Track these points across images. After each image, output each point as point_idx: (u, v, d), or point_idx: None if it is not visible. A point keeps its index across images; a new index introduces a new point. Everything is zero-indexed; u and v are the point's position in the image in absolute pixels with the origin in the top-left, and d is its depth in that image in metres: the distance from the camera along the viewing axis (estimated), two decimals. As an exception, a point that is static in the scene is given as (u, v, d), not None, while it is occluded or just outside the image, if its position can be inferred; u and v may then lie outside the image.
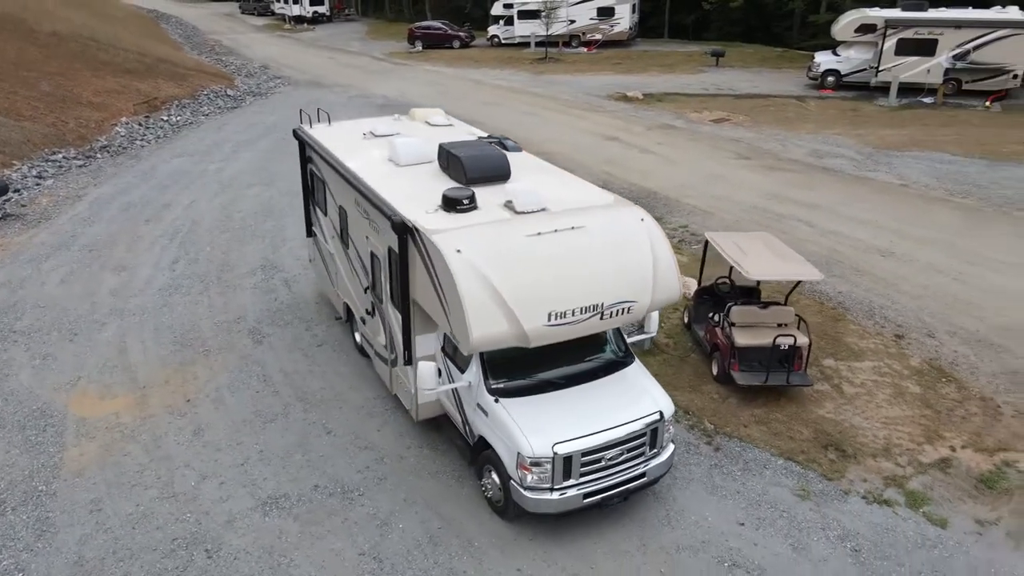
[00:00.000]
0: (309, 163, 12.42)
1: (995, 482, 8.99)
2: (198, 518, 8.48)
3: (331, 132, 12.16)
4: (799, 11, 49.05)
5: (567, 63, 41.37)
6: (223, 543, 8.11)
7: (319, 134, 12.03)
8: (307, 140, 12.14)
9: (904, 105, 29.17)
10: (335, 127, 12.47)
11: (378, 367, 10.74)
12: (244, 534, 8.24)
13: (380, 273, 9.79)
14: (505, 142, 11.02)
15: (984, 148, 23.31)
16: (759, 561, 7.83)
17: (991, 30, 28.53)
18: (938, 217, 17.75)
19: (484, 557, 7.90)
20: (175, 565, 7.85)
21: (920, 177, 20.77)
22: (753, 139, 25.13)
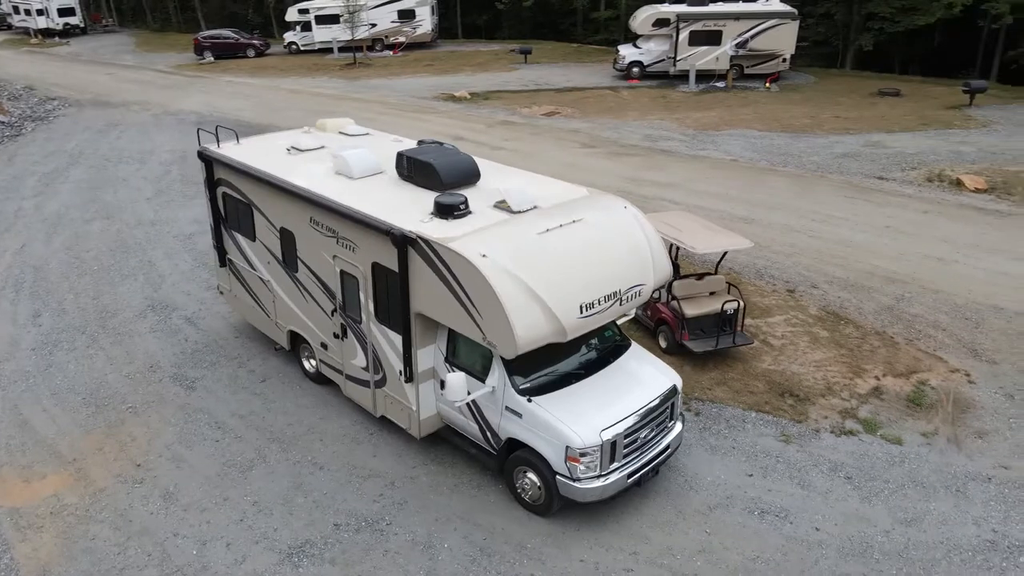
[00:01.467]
0: (221, 186, 11.38)
1: (920, 399, 10.62)
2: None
3: (247, 150, 11.23)
4: (582, 8, 52.43)
5: (378, 67, 40.85)
6: (263, 606, 7.40)
7: (235, 153, 11.08)
8: (220, 161, 11.12)
9: (703, 90, 32.46)
10: (247, 145, 11.54)
11: (352, 391, 10.21)
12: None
13: (359, 292, 9.32)
14: (445, 145, 10.91)
15: (781, 123, 26.69)
16: (781, 504, 8.64)
17: (762, 21, 32.60)
18: (772, 185, 20.14)
19: (543, 556, 7.94)
20: (220, 642, 7.03)
21: (743, 152, 23.35)
22: (589, 129, 26.67)
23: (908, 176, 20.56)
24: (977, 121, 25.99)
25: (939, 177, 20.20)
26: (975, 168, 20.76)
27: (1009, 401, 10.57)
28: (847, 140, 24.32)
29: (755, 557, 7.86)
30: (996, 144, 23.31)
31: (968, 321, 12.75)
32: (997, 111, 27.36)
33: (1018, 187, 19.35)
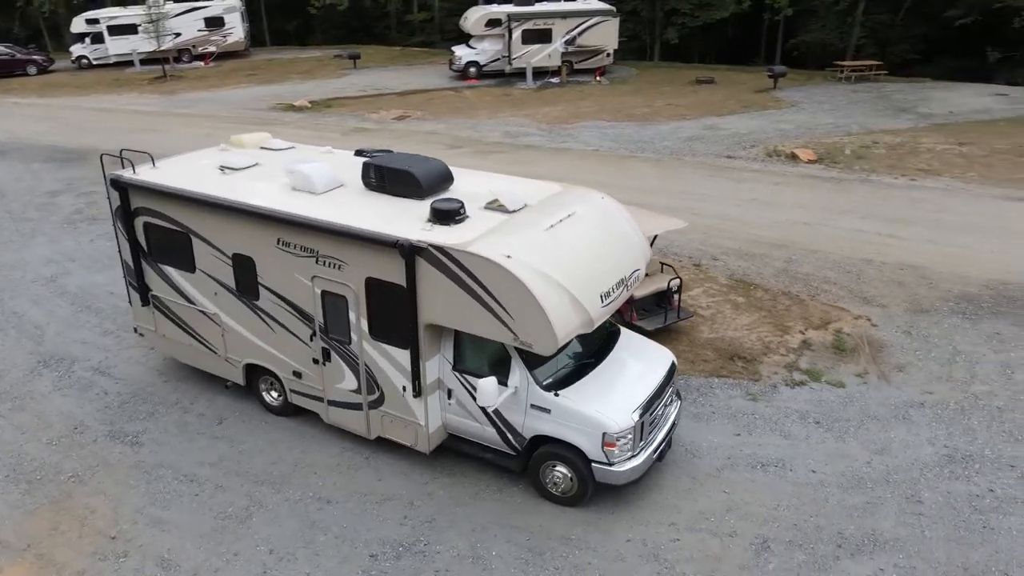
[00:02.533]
0: (142, 216, 10.22)
1: (842, 346, 12.03)
2: (273, 646, 7.00)
3: (171, 174, 10.17)
4: (395, 11, 52.19)
5: (192, 80, 38.04)
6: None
7: (159, 178, 10.00)
8: (140, 187, 9.99)
9: (541, 86, 33.74)
10: (167, 168, 10.44)
11: (338, 417, 9.67)
12: (345, 635, 7.11)
13: (347, 312, 8.86)
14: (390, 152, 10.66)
15: (624, 114, 28.50)
16: (774, 455, 9.46)
17: (587, 18, 34.49)
18: (639, 171, 21.53)
19: (591, 543, 8.11)
20: None
21: (600, 142, 24.69)
22: (447, 129, 26.80)
23: (751, 153, 22.85)
24: (785, 102, 29.41)
25: (776, 152, 22.68)
26: (800, 142, 23.53)
27: (908, 337, 12.27)
28: (687, 125, 26.49)
29: (776, 506, 8.57)
30: (807, 120, 26.56)
31: (850, 274, 14.57)
32: (797, 92, 31.10)
33: (839, 156, 22.23)
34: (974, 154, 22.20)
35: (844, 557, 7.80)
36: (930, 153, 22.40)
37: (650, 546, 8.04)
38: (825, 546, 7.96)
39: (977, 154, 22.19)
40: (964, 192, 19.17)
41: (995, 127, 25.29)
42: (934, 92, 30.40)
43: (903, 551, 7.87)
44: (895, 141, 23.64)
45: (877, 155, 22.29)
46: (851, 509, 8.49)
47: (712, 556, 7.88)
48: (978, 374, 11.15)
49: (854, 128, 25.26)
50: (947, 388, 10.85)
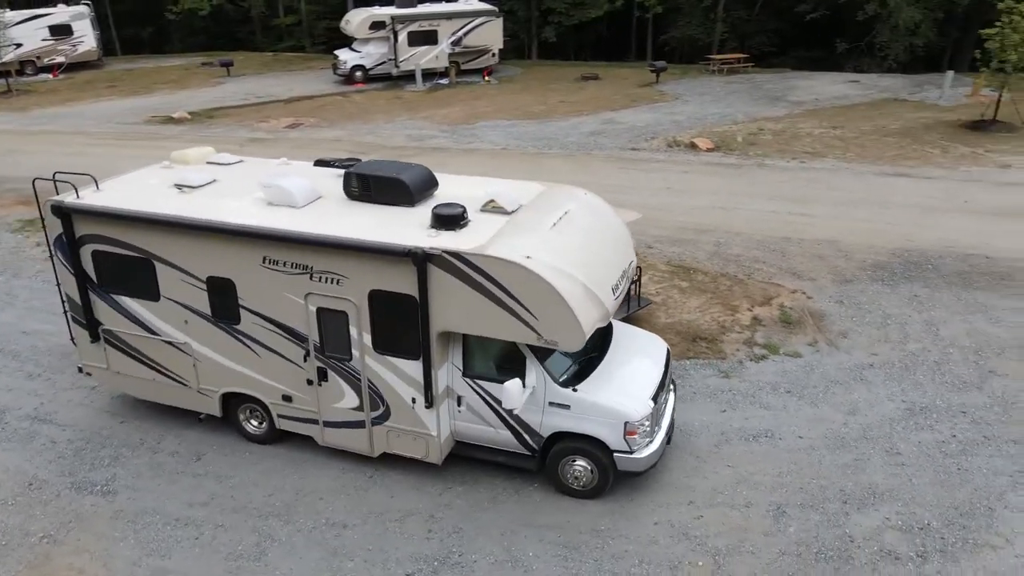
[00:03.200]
0: (90, 244, 9.33)
1: (788, 319, 12.91)
2: None
3: (121, 196, 9.35)
4: (259, 16, 50.15)
5: (43, 94, 34.88)
6: None
7: (110, 201, 9.17)
8: (88, 212, 9.12)
9: (432, 88, 33.56)
10: (114, 190, 9.57)
11: (335, 438, 9.29)
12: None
13: (347, 327, 8.54)
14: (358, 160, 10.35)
15: (521, 112, 28.92)
16: (761, 426, 10.03)
17: (472, 19, 34.65)
18: (553, 167, 21.95)
19: (622, 531, 8.28)
20: None
21: (507, 141, 24.96)
22: (348, 135, 26.15)
23: (652, 145, 23.89)
24: (670, 95, 30.91)
25: (676, 143, 23.84)
26: (695, 132, 24.84)
27: (842, 306, 13.34)
28: (586, 120, 27.27)
29: (778, 473, 9.11)
30: (696, 111, 28.06)
31: (775, 252, 15.62)
32: (678, 85, 32.77)
33: (732, 143, 23.68)
34: (847, 136, 24.32)
35: (852, 512, 8.43)
36: (811, 137, 24.32)
37: (677, 526, 8.32)
38: (833, 504, 8.56)
39: (849, 136, 24.32)
40: (848, 171, 20.98)
41: (857, 111, 27.79)
42: (797, 81, 32.96)
43: (899, 499, 8.61)
44: (778, 127, 25.47)
45: (766, 141, 23.93)
46: (844, 468, 9.18)
47: (737, 527, 8.27)
48: (910, 334, 12.32)
49: (739, 117, 26.97)
50: (888, 349, 11.91)
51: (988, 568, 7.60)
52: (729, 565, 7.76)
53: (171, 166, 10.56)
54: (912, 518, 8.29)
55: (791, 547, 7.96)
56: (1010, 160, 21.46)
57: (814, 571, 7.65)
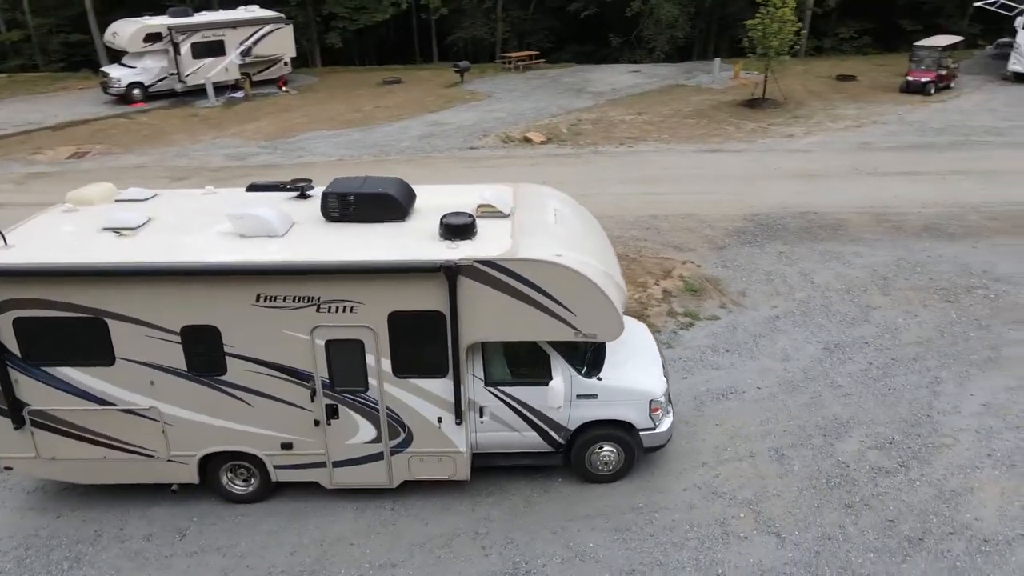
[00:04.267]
0: (12, 310, 7.72)
1: (692, 287, 14.16)
2: None
3: (47, 250, 7.84)
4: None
5: None
6: None
7: (37, 257, 7.66)
8: (16, 273, 7.55)
9: (227, 102, 31.20)
10: (31, 244, 7.97)
11: (347, 477, 8.64)
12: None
13: (363, 356, 8.00)
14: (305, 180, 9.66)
15: (339, 120, 28.02)
16: (723, 385, 10.99)
17: (260, 27, 32.71)
18: (404, 172, 21.00)
19: (658, 503, 8.71)
20: None
21: (339, 151, 24.15)
22: (156, 161, 23.67)
23: (487, 142, 24.49)
24: (482, 93, 31.73)
25: (509, 138, 24.67)
26: (522, 127, 25.89)
27: (728, 269, 14.90)
28: (411, 124, 27.15)
29: (760, 422, 10.10)
30: (513, 107, 29.13)
31: (651, 229, 16.94)
32: (483, 84, 33.71)
33: (560, 135, 25.05)
34: (654, 120, 26.81)
35: (834, 441, 9.63)
36: (625, 124, 26.44)
37: (704, 487, 8.95)
38: (815, 439, 9.71)
39: (656, 120, 26.83)
40: (670, 151, 23.22)
41: (651, 97, 30.66)
42: (588, 74, 35.45)
43: (860, 422, 9.99)
44: (592, 117, 27.34)
45: (588, 130, 25.60)
46: (806, 407, 10.41)
47: (755, 476, 9.08)
48: (792, 285, 14.12)
49: (554, 110, 28.48)
50: (782, 300, 13.57)
51: (953, 463, 9.15)
52: (765, 511, 8.53)
53: (75, 209, 9.03)
54: (879, 437, 9.69)
55: (805, 483, 8.94)
56: (790, 131, 25.09)
57: (833, 497, 8.68)
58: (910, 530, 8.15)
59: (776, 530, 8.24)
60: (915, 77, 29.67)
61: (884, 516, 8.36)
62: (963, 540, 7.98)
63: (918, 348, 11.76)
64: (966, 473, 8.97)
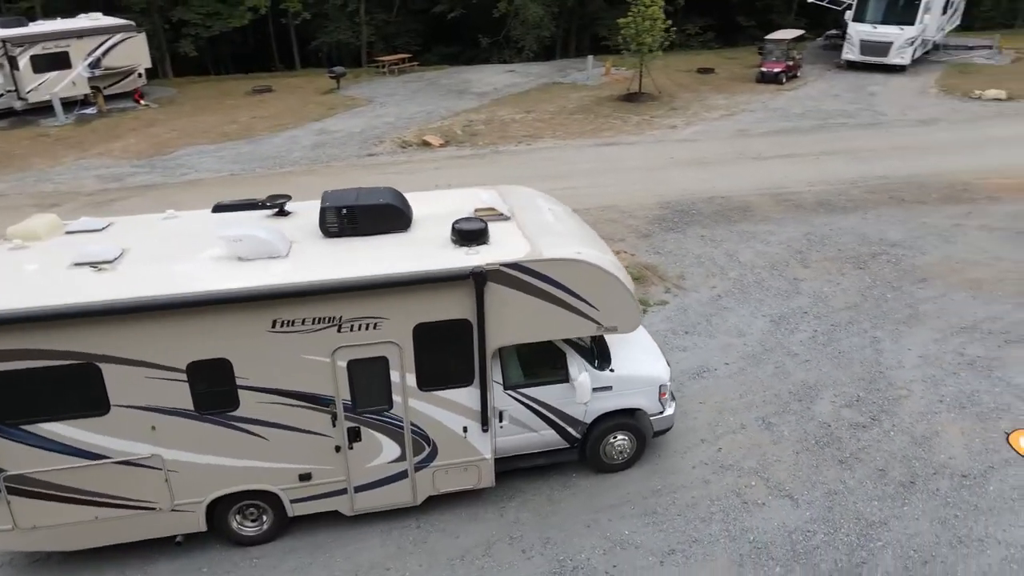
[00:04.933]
0: (-16, 365, 6.79)
1: (635, 276, 14.63)
2: None
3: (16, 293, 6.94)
4: None
5: None
6: None
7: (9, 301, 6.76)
8: None
9: (79, 120, 28.49)
10: None
11: (370, 500, 8.29)
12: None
13: (387, 373, 7.71)
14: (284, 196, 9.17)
15: (217, 133, 26.39)
16: (694, 364, 11.50)
17: (109, 36, 30.12)
18: (309, 184, 20.42)
19: (674, 484, 9.04)
20: None
21: (226, 165, 22.80)
22: (13, 188, 21.26)
23: (385, 148, 24.05)
24: (362, 99, 31.00)
25: (406, 143, 24.35)
26: (415, 131, 25.60)
27: (660, 256, 15.60)
28: (298, 134, 26.08)
29: (739, 395, 10.71)
30: (399, 112, 28.71)
31: (576, 224, 17.35)
32: (362, 89, 32.94)
33: (457, 137, 25.04)
34: (543, 118, 27.40)
35: (810, 405, 10.40)
36: (516, 122, 26.83)
37: (711, 463, 9.39)
38: (793, 404, 10.44)
39: (545, 118, 27.43)
40: (568, 147, 23.87)
41: (533, 96, 31.28)
42: (466, 75, 35.57)
43: (826, 385, 10.86)
44: (482, 117, 27.51)
45: (483, 131, 25.76)
46: (774, 376, 11.15)
47: (752, 446, 9.64)
48: (723, 266, 15.02)
49: (442, 112, 28.38)
50: (719, 280, 14.41)
51: (914, 411, 10.18)
52: (772, 476, 9.09)
53: (24, 245, 8.02)
54: (846, 396, 10.58)
55: (797, 446, 9.61)
56: (673, 122, 26.54)
57: (826, 455, 9.40)
58: (900, 476, 9.00)
59: (787, 493, 8.82)
60: (768, 68, 32.24)
61: (874, 467, 9.17)
62: (946, 478, 8.93)
63: (850, 312, 12.91)
64: (928, 419, 10.01)
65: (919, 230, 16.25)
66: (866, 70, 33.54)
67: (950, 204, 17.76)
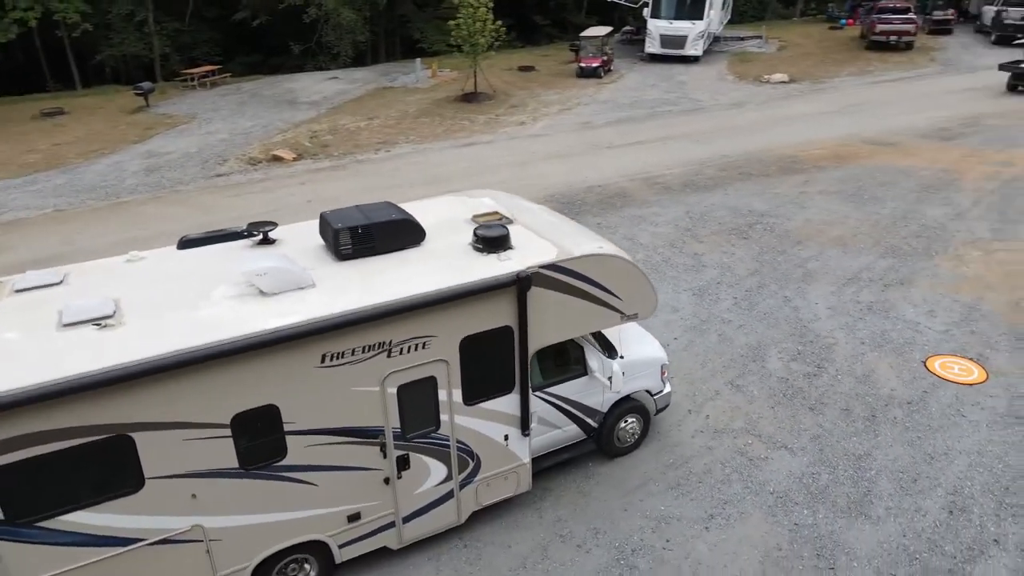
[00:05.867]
0: None
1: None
2: None
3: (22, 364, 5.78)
4: None
5: None
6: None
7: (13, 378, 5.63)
8: None
9: None
10: None
11: (417, 529, 7.90)
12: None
13: (436, 393, 7.42)
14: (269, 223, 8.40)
15: (18, 165, 23.05)
16: (646, 344, 12.18)
17: None
18: (167, 214, 18.92)
19: (682, 455, 9.55)
20: None
21: (51, 200, 20.04)
22: None
23: (233, 167, 22.44)
24: (182, 116, 28.49)
25: (254, 160, 22.87)
26: (257, 147, 24.12)
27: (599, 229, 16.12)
28: (120, 158, 23.51)
29: (700, 365, 11.48)
30: (230, 127, 26.79)
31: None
32: (176, 105, 30.25)
33: (307, 150, 23.95)
34: (388, 123, 27.00)
35: (763, 364, 11.43)
36: (364, 129, 26.19)
37: (707, 430, 10.03)
38: (750, 365, 11.41)
39: (390, 123, 27.05)
40: (430, 150, 23.78)
41: (368, 101, 30.61)
42: (289, 84, 33.86)
43: (767, 344, 11.97)
44: (325, 127, 26.50)
45: (332, 141, 24.86)
46: (721, 343, 12.08)
47: (733, 408, 10.43)
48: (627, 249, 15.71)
49: (279, 124, 26.93)
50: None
51: (847, 355, 11.56)
52: (763, 432, 9.92)
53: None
54: (788, 351, 11.76)
55: (770, 401, 10.56)
56: (519, 119, 27.37)
57: (797, 405, 10.41)
58: (862, 412, 10.24)
59: (781, 444, 9.70)
60: (587, 63, 34.23)
61: (839, 408, 10.35)
62: (896, 407, 10.31)
63: (755, 278, 14.31)
64: (860, 360, 11.45)
65: (775, 200, 18.31)
66: (666, 61, 36.77)
67: (788, 175, 20.15)
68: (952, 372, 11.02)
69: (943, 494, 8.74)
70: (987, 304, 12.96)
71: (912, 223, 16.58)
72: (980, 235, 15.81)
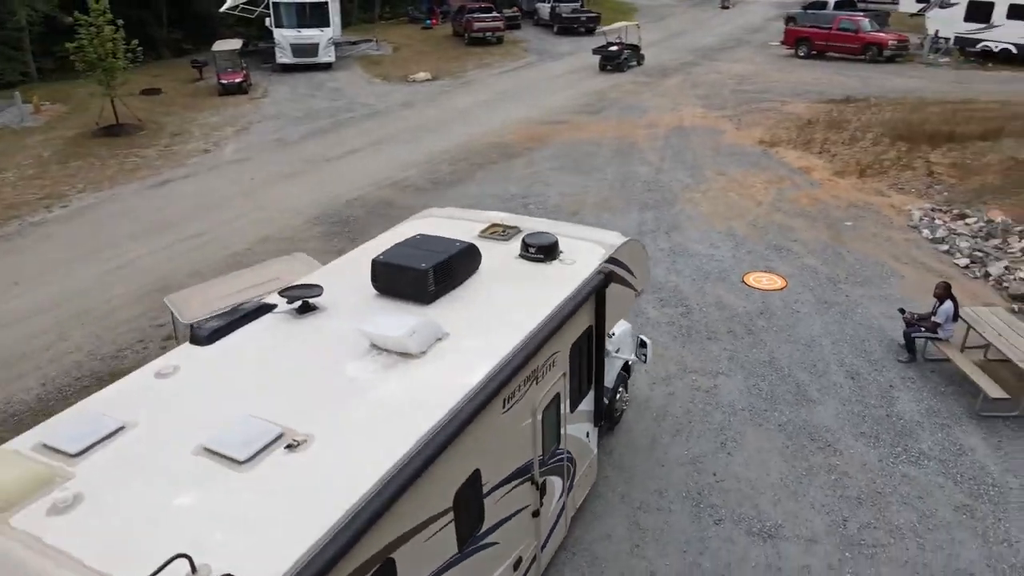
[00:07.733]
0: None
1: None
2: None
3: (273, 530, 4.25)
4: None
5: None
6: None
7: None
8: None
9: None
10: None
11: (548, 554, 7.66)
12: None
13: (559, 408, 7.30)
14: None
15: None
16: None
17: None
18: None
19: (685, 429, 10.69)
20: None
21: None
22: None
23: None
24: None
25: None
26: None
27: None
28: None
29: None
30: None
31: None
32: None
33: None
34: (31, 175, 21.95)
35: (647, 312, 13.03)
36: (6, 186, 20.87)
37: (658, 381, 11.17)
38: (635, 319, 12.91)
39: (35, 174, 22.02)
40: (117, 200, 20.12)
41: None
42: None
43: (633, 300, 13.63)
44: None
45: (-29, 207, 19.36)
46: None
47: (659, 356, 11.78)
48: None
49: None
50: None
51: (691, 291, 13.79)
52: (693, 365, 11.51)
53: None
54: (652, 300, 13.54)
55: (676, 340, 12.18)
56: (202, 145, 24.60)
57: (696, 337, 12.24)
58: (740, 329, 12.49)
59: (716, 371, 11.42)
60: (228, 79, 31.85)
61: (725, 331, 12.48)
62: (757, 318, 12.81)
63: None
64: (704, 292, 13.77)
65: (523, 181, 20.07)
66: (301, 71, 36.04)
67: (511, 159, 22.13)
68: (763, 284, 14.04)
69: (837, 368, 11.42)
70: (738, 230, 16.54)
71: (636, 181, 19.87)
72: (687, 182, 19.75)
